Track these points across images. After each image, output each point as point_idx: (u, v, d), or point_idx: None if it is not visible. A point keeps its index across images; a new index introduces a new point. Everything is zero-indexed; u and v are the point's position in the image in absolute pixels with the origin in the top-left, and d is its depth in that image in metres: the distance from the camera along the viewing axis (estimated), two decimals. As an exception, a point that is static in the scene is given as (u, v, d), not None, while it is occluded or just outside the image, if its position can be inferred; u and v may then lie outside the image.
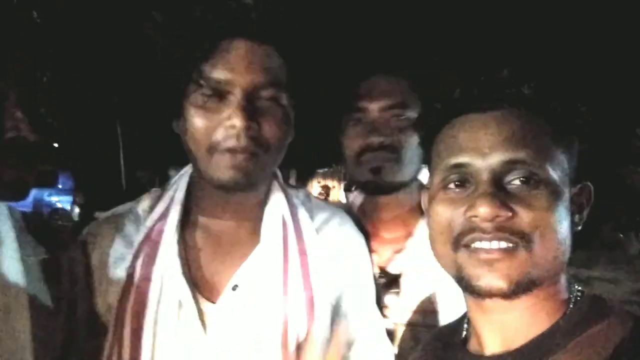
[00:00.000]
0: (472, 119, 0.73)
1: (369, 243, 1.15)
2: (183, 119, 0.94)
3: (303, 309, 0.96)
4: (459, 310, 0.87)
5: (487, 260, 0.67)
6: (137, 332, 0.90)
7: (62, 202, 11.16)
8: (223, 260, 0.98)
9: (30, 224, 0.92)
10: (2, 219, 0.85)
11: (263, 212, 1.02)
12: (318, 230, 1.04)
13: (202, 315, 0.93)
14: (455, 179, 0.72)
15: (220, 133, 0.89)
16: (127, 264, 0.96)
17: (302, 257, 0.99)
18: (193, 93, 0.91)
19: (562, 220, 0.68)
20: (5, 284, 0.81)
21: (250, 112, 0.89)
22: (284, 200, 1.04)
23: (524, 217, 0.67)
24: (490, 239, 0.67)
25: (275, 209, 1.02)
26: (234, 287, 0.95)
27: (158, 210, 1.01)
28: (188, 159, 1.01)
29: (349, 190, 1.38)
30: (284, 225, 1.01)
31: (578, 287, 0.74)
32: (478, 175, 0.70)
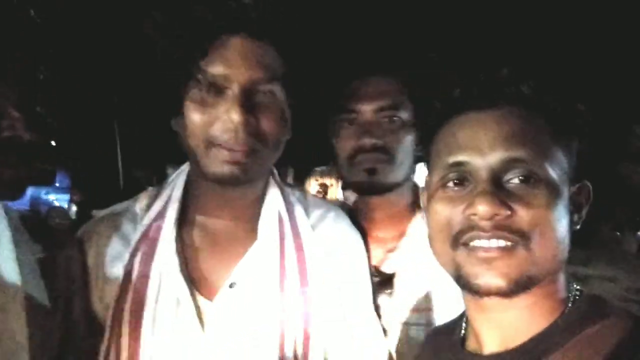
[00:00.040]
0: (471, 118, 0.73)
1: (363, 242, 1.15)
2: (182, 116, 0.94)
3: (300, 306, 0.96)
4: (453, 309, 0.87)
5: (485, 259, 0.67)
6: (135, 330, 0.90)
7: (59, 200, 11.11)
8: (220, 258, 0.98)
9: (27, 223, 0.92)
10: (-2, 218, 0.85)
11: (260, 209, 1.02)
12: (314, 227, 1.04)
13: (199, 313, 0.93)
14: (455, 178, 0.72)
15: (218, 127, 0.90)
16: (124, 262, 0.96)
17: (298, 253, 0.99)
18: (191, 89, 0.92)
19: (561, 219, 0.68)
20: (1, 283, 0.80)
21: (248, 106, 0.89)
22: (281, 198, 1.04)
23: (523, 215, 0.66)
24: (489, 238, 0.67)
25: (272, 207, 1.03)
26: (231, 284, 0.95)
27: (155, 209, 1.01)
28: (186, 158, 1.01)
29: (347, 189, 1.38)
30: (281, 222, 1.01)
31: (577, 286, 0.74)
32: (477, 174, 0.69)
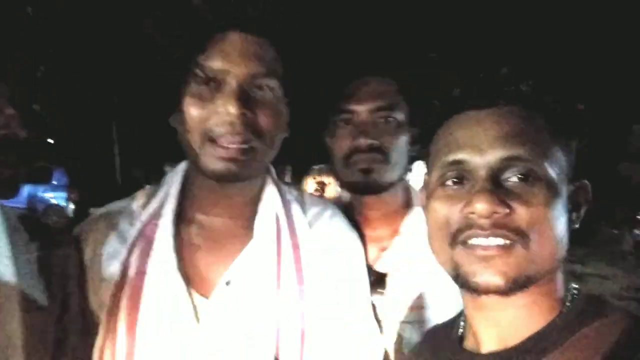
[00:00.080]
0: (470, 117, 0.73)
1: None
2: (179, 112, 0.94)
3: (296, 304, 0.96)
4: (447, 307, 0.87)
5: (483, 257, 0.67)
6: (131, 327, 0.90)
7: (56, 198, 11.10)
8: (217, 256, 0.98)
9: (23, 221, 0.92)
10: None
11: (257, 207, 1.02)
12: (310, 225, 1.05)
13: (195, 310, 0.93)
14: (453, 176, 0.72)
15: (215, 121, 0.90)
16: (121, 260, 0.95)
17: (295, 251, 0.99)
18: (189, 84, 0.92)
19: (559, 218, 0.68)
20: (-2, 281, 0.80)
21: (245, 100, 0.90)
22: (277, 196, 1.04)
23: (521, 214, 0.66)
24: (487, 236, 0.67)
25: (269, 204, 1.03)
26: (228, 282, 0.95)
27: (152, 207, 1.01)
28: (183, 156, 1.01)
29: (342, 188, 1.39)
30: (277, 220, 1.01)
31: (574, 284, 0.74)
32: (476, 172, 0.69)
